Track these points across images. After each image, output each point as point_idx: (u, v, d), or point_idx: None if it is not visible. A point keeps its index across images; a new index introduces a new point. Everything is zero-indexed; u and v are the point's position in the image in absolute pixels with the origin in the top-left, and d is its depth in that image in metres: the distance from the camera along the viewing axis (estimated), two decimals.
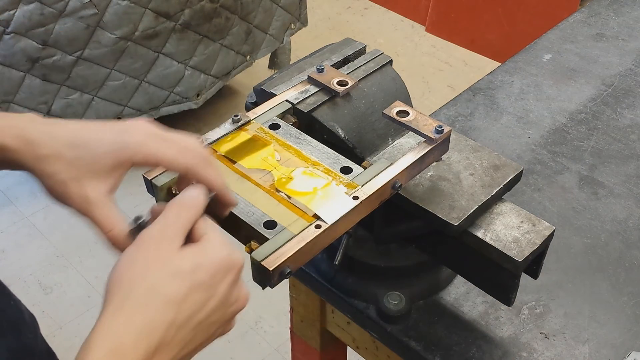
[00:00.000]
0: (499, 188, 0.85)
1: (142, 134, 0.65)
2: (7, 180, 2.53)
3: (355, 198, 0.73)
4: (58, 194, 0.65)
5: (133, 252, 0.60)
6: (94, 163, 0.64)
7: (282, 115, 0.86)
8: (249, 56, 2.62)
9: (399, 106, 0.83)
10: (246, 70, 2.66)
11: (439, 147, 0.81)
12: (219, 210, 0.69)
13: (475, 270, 0.89)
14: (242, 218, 0.72)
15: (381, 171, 0.77)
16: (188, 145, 0.66)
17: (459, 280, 0.99)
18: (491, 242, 0.82)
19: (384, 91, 0.91)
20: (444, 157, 0.88)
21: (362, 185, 0.75)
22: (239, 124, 0.84)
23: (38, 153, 0.64)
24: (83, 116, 2.29)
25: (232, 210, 0.72)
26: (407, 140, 0.90)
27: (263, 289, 0.70)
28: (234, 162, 0.79)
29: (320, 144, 0.83)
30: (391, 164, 0.78)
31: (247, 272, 0.68)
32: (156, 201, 0.82)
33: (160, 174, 0.76)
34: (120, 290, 0.57)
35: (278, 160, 0.80)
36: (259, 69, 2.86)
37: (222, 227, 0.73)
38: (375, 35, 3.38)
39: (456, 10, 3.25)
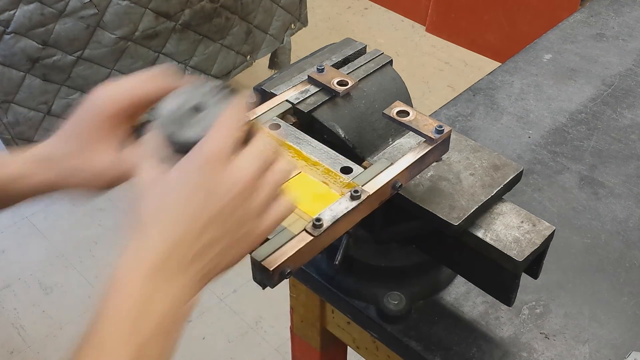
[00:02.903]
0: (499, 188, 0.85)
1: (101, 94, 0.69)
2: None
3: (355, 198, 0.73)
4: (98, 182, 0.70)
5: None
6: (91, 138, 0.68)
7: (282, 115, 0.86)
8: (249, 56, 2.62)
9: (399, 106, 0.83)
10: (246, 70, 2.66)
11: (439, 147, 0.81)
12: None
13: (475, 270, 0.89)
14: None
15: (381, 171, 0.77)
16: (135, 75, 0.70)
17: (459, 280, 0.99)
18: (491, 242, 0.82)
19: (384, 91, 0.91)
20: (444, 157, 0.88)
21: (362, 186, 0.75)
22: None
23: (54, 162, 0.69)
24: None
25: None
26: (407, 140, 0.90)
27: (263, 289, 0.70)
28: None
29: (320, 144, 0.83)
30: (391, 164, 0.78)
31: (248, 272, 0.69)
32: None
33: None
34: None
35: None
36: (259, 69, 2.86)
37: None
38: (376, 35, 3.38)
39: (456, 11, 3.25)
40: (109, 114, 0.68)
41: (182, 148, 0.58)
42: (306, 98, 0.87)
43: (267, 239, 0.70)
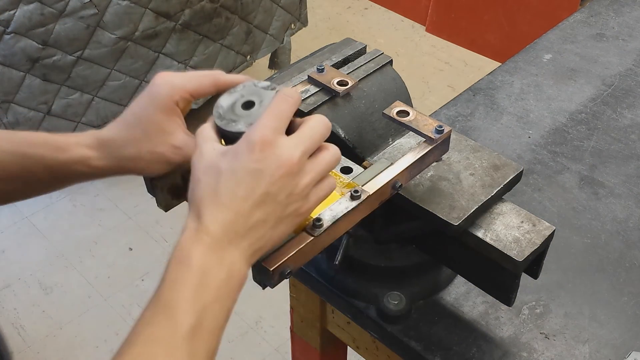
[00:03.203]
0: (499, 188, 0.85)
1: (165, 82, 0.73)
2: None
3: (355, 198, 0.73)
4: (159, 165, 0.74)
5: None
6: (155, 124, 0.73)
7: None
8: (249, 56, 2.62)
9: (399, 106, 0.83)
10: (246, 70, 2.66)
11: (439, 147, 0.81)
12: None
13: (475, 270, 0.89)
14: None
15: (381, 171, 0.77)
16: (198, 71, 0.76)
17: (459, 280, 0.99)
18: (491, 242, 0.82)
19: (384, 91, 0.91)
20: (444, 157, 0.88)
21: (362, 185, 0.75)
22: None
23: (115, 148, 0.74)
24: (83, 116, 2.29)
25: None
26: (407, 140, 0.90)
27: (263, 289, 0.70)
28: None
29: None
30: (391, 164, 0.78)
31: (248, 272, 0.69)
32: (156, 202, 0.82)
33: (161, 177, 0.77)
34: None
35: None
36: (259, 69, 2.86)
37: None
38: (375, 35, 3.38)
39: (456, 11, 3.25)
40: (169, 102, 0.73)
41: (232, 139, 0.65)
42: (306, 98, 0.87)
43: None
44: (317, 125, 0.65)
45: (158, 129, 0.73)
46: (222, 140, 0.67)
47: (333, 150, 0.67)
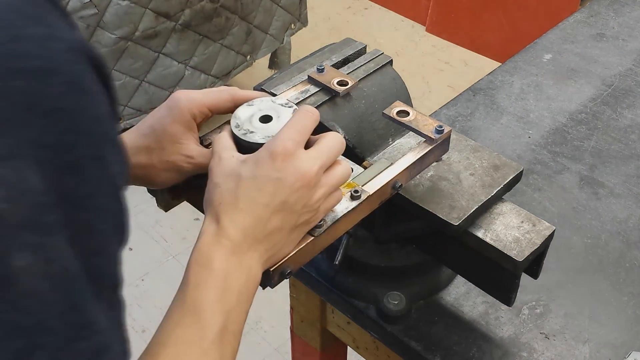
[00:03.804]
0: (499, 188, 0.85)
1: (185, 96, 0.76)
2: None
3: (356, 198, 0.73)
4: (170, 174, 0.76)
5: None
6: (171, 136, 0.75)
7: None
8: (249, 56, 2.62)
9: (399, 106, 0.83)
10: (246, 70, 2.66)
11: (439, 147, 0.81)
12: None
13: (475, 270, 0.89)
14: None
15: (381, 171, 0.77)
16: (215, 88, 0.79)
17: (459, 280, 0.99)
18: (491, 242, 0.82)
19: (384, 91, 0.91)
20: (444, 157, 0.88)
21: (362, 186, 0.75)
22: None
23: (136, 162, 0.75)
24: None
25: None
26: (407, 140, 0.90)
27: (263, 289, 0.70)
28: None
29: None
30: (391, 164, 0.78)
31: None
32: (156, 202, 0.82)
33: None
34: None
35: None
36: (259, 69, 2.86)
37: None
38: (375, 35, 3.38)
39: (456, 11, 3.25)
40: (187, 115, 0.75)
41: (247, 149, 0.69)
42: (306, 98, 0.87)
43: None
44: (334, 142, 0.68)
45: (172, 140, 0.75)
46: (238, 150, 0.70)
47: (345, 165, 0.70)
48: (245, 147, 0.70)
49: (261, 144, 0.69)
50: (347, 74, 0.91)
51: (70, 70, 0.42)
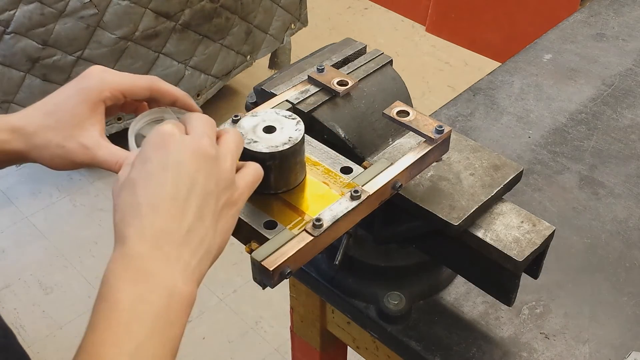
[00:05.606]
0: (499, 188, 0.85)
1: (98, 76, 0.70)
2: (7, 180, 2.53)
3: (355, 198, 0.73)
4: (62, 160, 0.70)
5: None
6: (73, 117, 0.69)
7: None
8: (249, 56, 2.62)
9: (399, 106, 0.83)
10: (246, 70, 2.66)
11: (439, 147, 0.81)
12: None
13: (475, 270, 0.89)
14: (242, 218, 0.72)
15: (381, 171, 0.77)
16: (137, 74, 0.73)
17: (459, 280, 0.99)
18: (491, 242, 0.82)
19: (384, 91, 0.91)
20: (444, 157, 0.88)
21: (362, 186, 0.75)
22: None
23: (25, 135, 0.69)
24: None
25: None
26: (407, 140, 0.90)
27: (263, 289, 0.70)
28: None
29: (321, 144, 0.83)
30: (391, 164, 0.78)
31: (248, 272, 0.68)
32: None
33: None
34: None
35: None
36: (259, 69, 2.85)
37: None
38: (376, 35, 3.38)
39: (456, 11, 3.25)
40: (97, 96, 0.70)
41: (252, 159, 0.70)
42: (306, 98, 0.87)
43: (267, 239, 0.70)
44: (203, 117, 0.65)
45: (74, 122, 0.69)
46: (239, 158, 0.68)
47: (234, 130, 0.67)
48: (249, 156, 0.70)
49: (265, 153, 0.70)
50: (347, 74, 0.91)
51: None
